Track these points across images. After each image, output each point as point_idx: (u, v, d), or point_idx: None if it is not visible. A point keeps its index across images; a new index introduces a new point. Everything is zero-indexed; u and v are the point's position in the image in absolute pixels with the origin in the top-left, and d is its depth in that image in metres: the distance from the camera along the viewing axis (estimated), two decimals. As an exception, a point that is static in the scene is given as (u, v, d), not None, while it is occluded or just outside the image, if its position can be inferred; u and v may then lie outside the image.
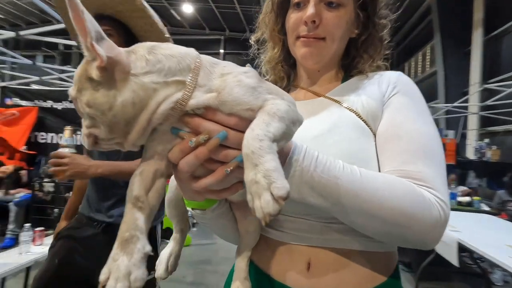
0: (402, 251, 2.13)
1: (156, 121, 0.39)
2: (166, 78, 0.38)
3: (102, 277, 0.36)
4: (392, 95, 0.61)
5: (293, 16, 0.66)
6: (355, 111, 0.60)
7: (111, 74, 0.36)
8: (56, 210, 3.55)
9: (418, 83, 7.16)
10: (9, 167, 4.41)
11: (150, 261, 0.40)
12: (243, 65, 0.48)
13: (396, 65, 10.67)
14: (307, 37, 0.64)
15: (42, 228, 2.48)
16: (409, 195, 0.49)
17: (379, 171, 0.56)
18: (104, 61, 0.35)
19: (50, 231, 2.71)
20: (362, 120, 0.59)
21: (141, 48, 0.39)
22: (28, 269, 2.41)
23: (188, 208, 0.59)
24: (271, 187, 0.34)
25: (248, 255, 0.64)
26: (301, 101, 0.66)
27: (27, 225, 2.39)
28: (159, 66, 0.38)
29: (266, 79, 0.73)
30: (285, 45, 0.72)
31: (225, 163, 0.41)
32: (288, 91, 0.71)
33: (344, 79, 0.69)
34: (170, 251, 0.63)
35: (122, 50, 0.38)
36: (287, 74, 0.76)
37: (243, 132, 0.38)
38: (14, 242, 3.60)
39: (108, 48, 0.36)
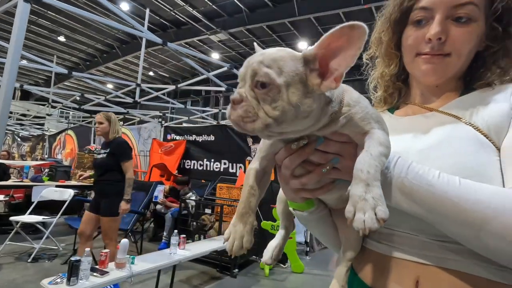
0: None
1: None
2: (333, 107, 0.47)
3: (225, 236, 0.52)
4: None
5: (412, 34, 0.64)
6: (473, 125, 0.56)
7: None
8: (194, 223, 4.16)
9: None
10: (166, 187, 5.40)
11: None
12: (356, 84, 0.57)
13: None
14: (430, 54, 0.61)
15: (184, 236, 3.14)
16: None
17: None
18: (336, 87, 0.43)
19: (189, 241, 3.40)
20: (482, 134, 0.54)
21: None
22: (174, 267, 3.05)
23: (290, 208, 0.66)
24: (377, 208, 0.40)
25: (349, 264, 0.65)
26: (409, 117, 0.68)
27: (176, 231, 3.08)
28: (329, 95, 0.46)
29: (373, 95, 0.79)
30: (401, 61, 0.71)
31: (321, 165, 0.50)
32: (397, 107, 0.74)
33: (464, 92, 0.64)
34: (276, 244, 0.73)
35: None
36: (399, 89, 0.75)
37: (337, 142, 0.49)
38: (167, 246, 4.21)
39: None
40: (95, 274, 2.31)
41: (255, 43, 0.57)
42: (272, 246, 0.74)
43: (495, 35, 0.61)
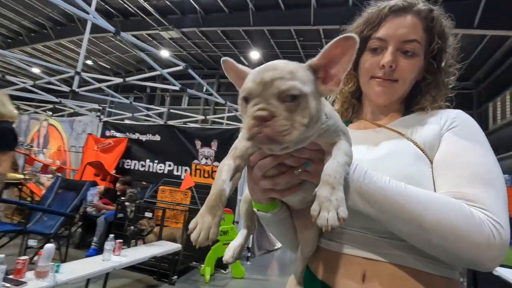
0: None
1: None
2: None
3: (191, 225, 0.49)
4: (450, 128, 0.66)
5: (369, 59, 0.74)
6: (413, 140, 0.66)
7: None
8: (131, 227, 3.76)
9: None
10: (101, 187, 4.85)
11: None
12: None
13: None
14: (383, 78, 0.72)
15: (121, 241, 2.89)
16: (455, 211, 0.53)
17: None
18: (337, 90, 0.53)
19: (125, 247, 3.13)
20: (420, 149, 0.65)
21: None
22: (107, 275, 2.78)
23: (254, 209, 0.69)
24: (339, 209, 0.45)
25: (305, 263, 0.72)
26: (362, 130, 0.78)
27: (111, 235, 2.80)
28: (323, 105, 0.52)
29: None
30: (357, 81, 0.80)
31: (294, 168, 0.55)
32: (351, 121, 0.85)
33: (405, 113, 0.76)
34: (238, 243, 0.77)
35: None
36: (353, 106, 0.85)
37: (310, 150, 0.54)
38: (96, 253, 3.86)
39: None
40: (7, 285, 1.98)
41: (222, 60, 0.59)
42: (234, 245, 0.77)
43: (430, 69, 0.73)
